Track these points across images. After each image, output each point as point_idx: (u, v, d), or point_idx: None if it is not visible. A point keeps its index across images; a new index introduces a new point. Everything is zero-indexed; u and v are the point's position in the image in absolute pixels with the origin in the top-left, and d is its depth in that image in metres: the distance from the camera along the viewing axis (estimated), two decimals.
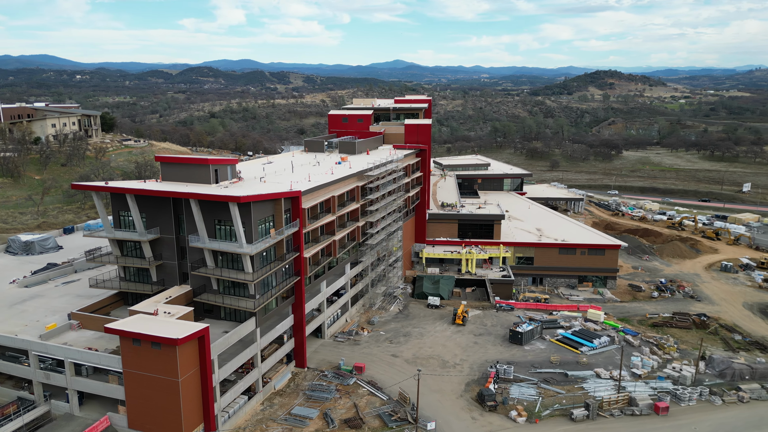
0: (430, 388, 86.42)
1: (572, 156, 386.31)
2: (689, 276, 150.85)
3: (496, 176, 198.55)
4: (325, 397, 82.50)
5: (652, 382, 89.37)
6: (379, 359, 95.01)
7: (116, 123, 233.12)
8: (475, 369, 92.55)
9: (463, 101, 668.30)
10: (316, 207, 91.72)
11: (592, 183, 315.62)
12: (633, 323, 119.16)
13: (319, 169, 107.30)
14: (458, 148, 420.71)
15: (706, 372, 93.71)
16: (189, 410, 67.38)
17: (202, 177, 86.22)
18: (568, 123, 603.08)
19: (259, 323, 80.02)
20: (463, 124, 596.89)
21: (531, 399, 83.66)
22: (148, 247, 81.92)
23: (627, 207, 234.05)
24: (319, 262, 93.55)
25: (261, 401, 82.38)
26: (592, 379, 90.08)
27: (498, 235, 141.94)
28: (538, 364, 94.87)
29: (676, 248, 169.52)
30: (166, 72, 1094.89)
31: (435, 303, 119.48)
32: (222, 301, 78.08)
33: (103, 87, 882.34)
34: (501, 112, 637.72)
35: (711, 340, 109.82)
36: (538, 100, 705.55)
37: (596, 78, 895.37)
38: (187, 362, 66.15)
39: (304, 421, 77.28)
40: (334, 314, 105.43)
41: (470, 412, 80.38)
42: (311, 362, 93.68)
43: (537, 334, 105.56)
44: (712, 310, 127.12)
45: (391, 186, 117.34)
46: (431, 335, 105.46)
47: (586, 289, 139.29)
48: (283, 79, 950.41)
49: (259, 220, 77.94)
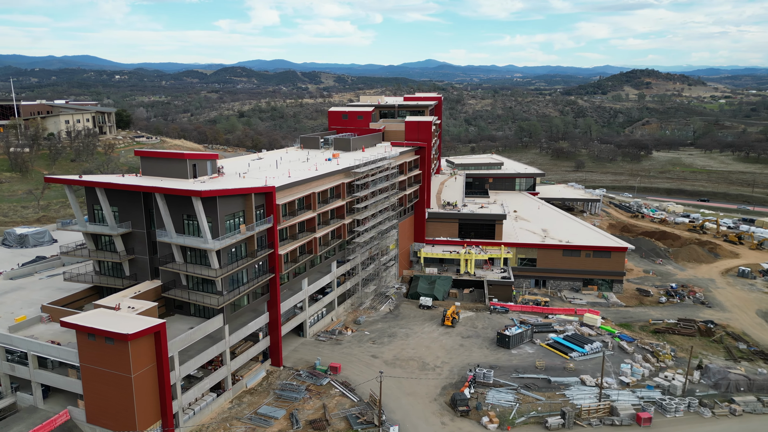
0: (404, 390, 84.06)
1: (599, 156, 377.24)
2: (703, 281, 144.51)
3: (507, 176, 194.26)
4: (295, 397, 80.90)
5: (640, 391, 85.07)
6: (358, 360, 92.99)
7: (132, 120, 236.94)
8: (455, 372, 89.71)
9: (492, 100, 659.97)
10: (293, 203, 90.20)
11: (616, 184, 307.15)
12: (634, 329, 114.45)
13: (305, 166, 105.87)
14: (482, 147, 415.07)
15: (701, 382, 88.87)
16: (144, 407, 66.53)
17: (179, 172, 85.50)
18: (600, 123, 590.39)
19: (227, 320, 78.88)
20: (491, 124, 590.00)
21: (507, 405, 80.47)
22: (120, 241, 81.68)
23: (649, 209, 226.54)
24: (297, 260, 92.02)
25: (230, 399, 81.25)
26: (576, 386, 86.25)
27: (499, 235, 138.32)
28: (522, 368, 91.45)
29: (693, 252, 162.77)
30: (201, 72, 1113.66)
31: (427, 304, 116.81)
32: (188, 297, 77.11)
33: (140, 87, 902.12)
34: (531, 112, 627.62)
35: (713, 349, 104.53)
36: (569, 99, 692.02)
37: (632, 77, 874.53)
38: (141, 358, 65.26)
39: (269, 421, 75.84)
40: (318, 313, 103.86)
41: (441, 417, 77.70)
42: (289, 361, 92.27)
43: (527, 338, 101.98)
44: (722, 317, 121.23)
45: (383, 183, 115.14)
46: (417, 336, 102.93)
47: (591, 293, 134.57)
48: (314, 79, 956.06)
49: (226, 216, 76.77)
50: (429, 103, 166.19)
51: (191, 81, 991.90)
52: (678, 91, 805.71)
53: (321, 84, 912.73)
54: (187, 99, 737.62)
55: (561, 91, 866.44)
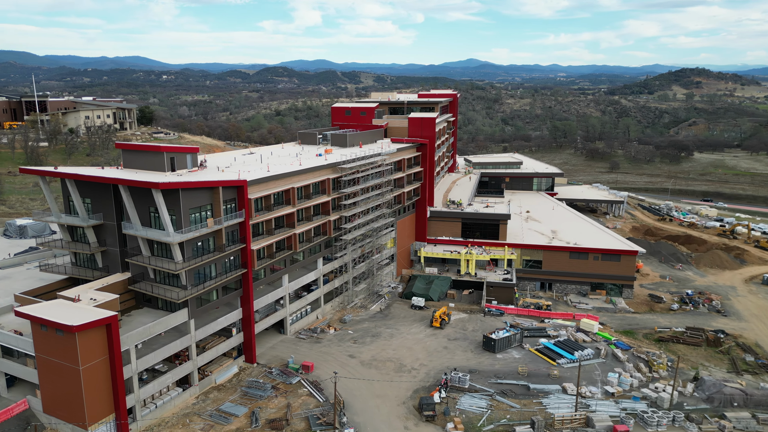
0: (374, 392, 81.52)
1: (636, 157, 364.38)
2: (723, 288, 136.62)
3: (524, 175, 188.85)
4: (260, 395, 79.41)
5: (625, 402, 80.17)
6: (334, 359, 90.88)
7: (154, 116, 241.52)
8: (431, 375, 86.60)
9: (531, 100, 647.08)
10: (269, 197, 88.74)
11: (650, 186, 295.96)
12: (637, 337, 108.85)
13: (292, 161, 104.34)
14: (515, 147, 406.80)
15: (694, 395, 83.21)
16: (94, 399, 66.04)
17: (157, 165, 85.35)
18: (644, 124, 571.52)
19: (193, 314, 77.99)
20: (528, 124, 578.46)
21: (478, 411, 76.96)
22: (92, 232, 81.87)
23: (680, 212, 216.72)
24: (274, 255, 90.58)
25: (197, 395, 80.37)
26: (557, 394, 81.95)
27: (503, 235, 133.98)
28: (504, 374, 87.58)
29: (716, 257, 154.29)
30: (244, 72, 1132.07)
31: (419, 304, 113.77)
32: (151, 290, 76.56)
33: (185, 86, 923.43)
34: (570, 112, 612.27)
35: (716, 360, 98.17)
36: (613, 99, 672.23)
37: (681, 76, 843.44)
38: (91, 350, 64.77)
39: (228, 418, 74.55)
40: (302, 310, 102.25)
41: (405, 421, 74.84)
42: (264, 358, 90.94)
43: (516, 342, 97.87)
44: (736, 327, 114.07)
45: (375, 180, 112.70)
46: (401, 337, 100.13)
47: (599, 298, 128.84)
48: (354, 79, 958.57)
49: (191, 209, 75.86)
50: (440, 100, 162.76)
51: (234, 81, 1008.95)
52: (730, 91, 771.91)
53: (360, 84, 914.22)
54: (229, 98, 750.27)
55: (605, 90, 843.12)
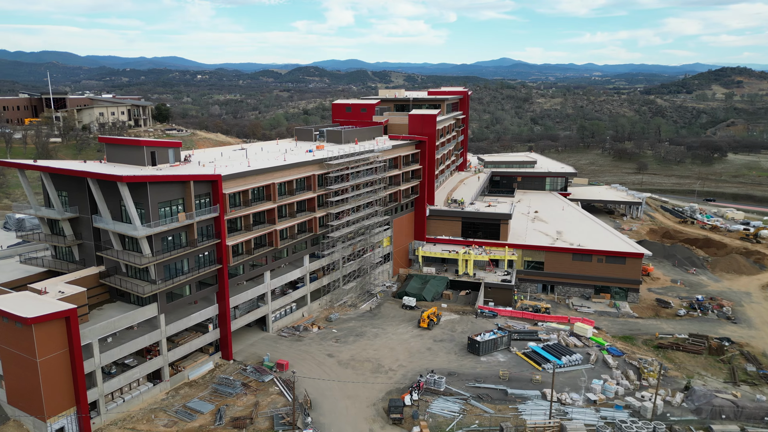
0: (346, 393, 79.69)
1: (665, 158, 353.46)
2: (737, 294, 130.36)
3: (537, 174, 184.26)
4: (229, 392, 78.44)
5: (606, 410, 76.47)
6: (312, 358, 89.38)
7: (170, 114, 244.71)
8: (408, 377, 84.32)
9: (562, 99, 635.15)
10: (247, 193, 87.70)
11: (677, 188, 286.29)
12: (636, 343, 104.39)
13: (278, 156, 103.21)
14: (541, 147, 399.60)
15: (683, 405, 78.91)
16: (53, 392, 65.88)
17: (137, 159, 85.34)
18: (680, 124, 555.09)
19: (162, 309, 77.44)
20: (558, 123, 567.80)
21: (449, 416, 74.39)
22: (68, 225, 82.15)
23: (704, 215, 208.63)
24: (252, 252, 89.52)
25: (167, 390, 79.86)
26: (536, 400, 78.72)
27: (504, 235, 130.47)
28: (484, 377, 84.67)
29: (733, 262, 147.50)
30: (276, 72, 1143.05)
31: (410, 304, 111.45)
32: (120, 284, 76.27)
33: (218, 86, 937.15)
34: (603, 111, 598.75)
35: (715, 369, 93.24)
36: (648, 99, 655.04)
37: (721, 75, 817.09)
38: (49, 342, 64.60)
39: (193, 415, 73.74)
40: (287, 307, 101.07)
41: (371, 424, 72.79)
42: (242, 355, 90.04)
43: (502, 345, 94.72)
44: (744, 335, 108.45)
45: (367, 177, 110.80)
46: (386, 337, 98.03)
47: (602, 301, 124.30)
48: (384, 78, 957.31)
49: (161, 203, 75.32)
50: (446, 97, 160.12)
51: (266, 80, 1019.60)
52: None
53: (391, 83, 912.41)
54: (260, 98, 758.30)
55: (641, 90, 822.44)
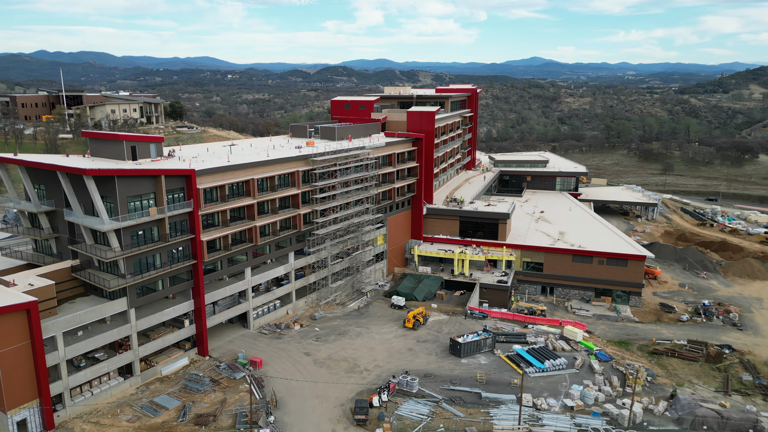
0: (315, 392, 78.27)
1: (693, 159, 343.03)
2: (747, 300, 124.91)
3: (546, 174, 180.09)
4: (198, 389, 77.78)
5: (582, 417, 73.38)
6: (288, 356, 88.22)
7: (184, 111, 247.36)
8: (382, 378, 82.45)
9: (591, 99, 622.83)
10: (223, 188, 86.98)
11: (702, 189, 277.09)
12: (631, 348, 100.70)
13: (264, 152, 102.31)
14: (565, 147, 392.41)
15: (666, 414, 75.24)
16: (14, 384, 65.92)
17: (117, 153, 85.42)
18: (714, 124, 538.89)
19: (132, 303, 77.19)
20: (587, 123, 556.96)
21: (416, 419, 72.30)
22: (45, 219, 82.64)
23: (726, 217, 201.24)
24: (230, 248, 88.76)
25: (138, 385, 79.60)
26: (510, 404, 76.02)
27: (503, 235, 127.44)
28: (461, 380, 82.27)
29: (746, 266, 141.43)
30: (305, 71, 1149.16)
31: (399, 303, 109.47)
32: (89, 278, 76.25)
33: (248, 85, 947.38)
34: (634, 111, 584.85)
35: (709, 377, 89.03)
36: (681, 98, 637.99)
37: (760, 75, 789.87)
38: (9, 334, 64.59)
39: (158, 411, 73.23)
40: (270, 304, 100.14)
41: (335, 424, 71.18)
42: (219, 351, 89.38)
43: (486, 347, 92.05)
44: (748, 343, 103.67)
45: (356, 174, 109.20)
46: (368, 336, 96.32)
47: (602, 305, 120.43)
48: (412, 78, 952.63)
49: (130, 197, 75.03)
50: (451, 95, 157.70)
51: (295, 80, 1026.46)
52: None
53: (418, 82, 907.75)
54: (287, 97, 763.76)
55: (675, 89, 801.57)
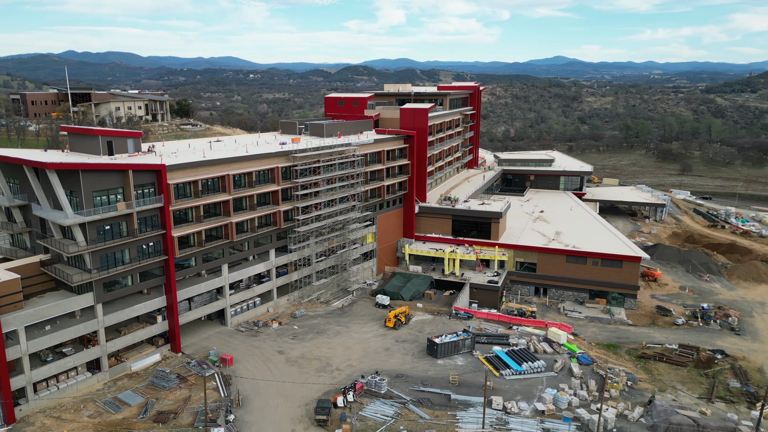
0: (282, 391, 77.05)
1: (714, 159, 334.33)
2: (749, 304, 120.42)
3: (550, 173, 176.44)
4: (163, 386, 77.12)
5: (551, 422, 70.86)
6: (261, 354, 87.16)
7: (191, 109, 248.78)
8: (353, 378, 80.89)
9: (613, 98, 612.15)
10: (197, 183, 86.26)
11: (720, 190, 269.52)
12: (619, 352, 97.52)
13: (248, 148, 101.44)
14: (582, 147, 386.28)
15: (640, 420, 72.30)
16: None
17: (93, 148, 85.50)
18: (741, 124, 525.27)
19: (99, 298, 76.86)
20: (608, 123, 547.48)
21: (380, 420, 70.59)
22: (19, 213, 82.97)
23: (740, 219, 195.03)
24: (203, 244, 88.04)
25: (106, 381, 79.28)
26: (478, 407, 73.73)
27: (495, 235, 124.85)
28: (433, 381, 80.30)
29: (752, 269, 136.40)
30: (325, 71, 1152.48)
31: (383, 303, 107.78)
32: (55, 272, 76.14)
33: (269, 85, 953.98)
34: (657, 111, 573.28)
35: (695, 383, 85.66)
36: (707, 98, 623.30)
37: None
38: None
39: (120, 407, 72.71)
40: (249, 302, 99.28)
41: (296, 424, 69.83)
42: (192, 348, 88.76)
43: (465, 348, 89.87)
44: (744, 348, 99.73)
45: (341, 171, 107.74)
46: (347, 335, 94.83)
47: (596, 307, 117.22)
48: (432, 77, 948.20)
49: (96, 191, 74.67)
50: (450, 92, 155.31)
51: (316, 80, 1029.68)
52: None
53: (439, 82, 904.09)
54: (307, 96, 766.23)
55: (702, 89, 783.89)
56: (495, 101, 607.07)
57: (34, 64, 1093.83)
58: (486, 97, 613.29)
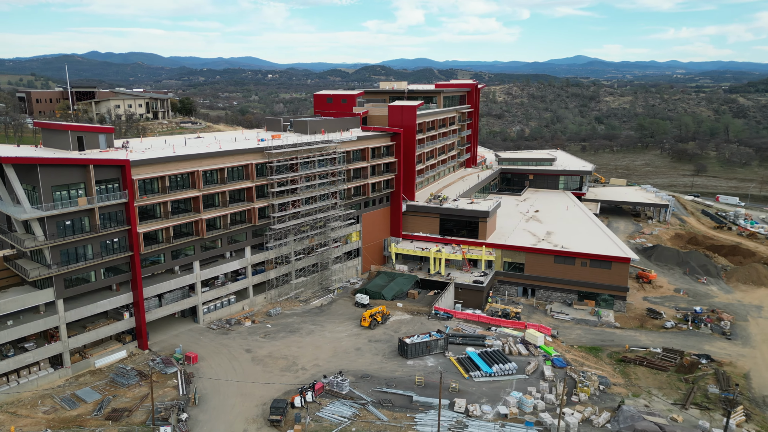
0: (242, 391, 75.80)
1: (730, 160, 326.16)
2: (745, 307, 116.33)
3: (549, 173, 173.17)
4: (123, 383, 76.41)
5: (512, 426, 68.53)
6: (228, 352, 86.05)
7: (193, 107, 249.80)
8: (317, 377, 79.33)
9: (632, 98, 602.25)
10: (164, 179, 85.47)
11: (733, 191, 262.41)
12: (600, 355, 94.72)
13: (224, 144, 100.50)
14: (595, 146, 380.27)
15: (606, 426, 69.62)
16: None
17: (64, 143, 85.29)
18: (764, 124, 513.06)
19: (60, 294, 76.43)
20: (626, 123, 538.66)
21: (336, 421, 68.94)
22: None
23: (749, 220, 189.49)
24: (172, 240, 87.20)
25: (68, 377, 78.87)
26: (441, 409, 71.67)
27: (483, 234, 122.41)
28: (399, 382, 78.40)
29: (752, 272, 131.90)
30: (343, 71, 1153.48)
31: (362, 302, 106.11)
32: (15, 267, 75.88)
33: (287, 85, 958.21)
34: (677, 111, 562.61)
35: (672, 388, 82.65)
36: (729, 98, 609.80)
37: None
38: None
39: (76, 403, 72.12)
40: (223, 299, 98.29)
41: (249, 424, 68.48)
42: (160, 345, 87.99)
43: (437, 349, 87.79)
44: (733, 353, 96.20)
45: (321, 168, 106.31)
46: (319, 335, 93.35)
47: (584, 308, 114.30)
48: (450, 77, 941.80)
49: (56, 186, 74.23)
50: (444, 90, 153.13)
51: (333, 80, 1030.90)
52: None
53: None
54: None
55: (725, 89, 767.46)
56: (511, 101, 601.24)
57: (59, 65, 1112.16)
58: (502, 96, 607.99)
